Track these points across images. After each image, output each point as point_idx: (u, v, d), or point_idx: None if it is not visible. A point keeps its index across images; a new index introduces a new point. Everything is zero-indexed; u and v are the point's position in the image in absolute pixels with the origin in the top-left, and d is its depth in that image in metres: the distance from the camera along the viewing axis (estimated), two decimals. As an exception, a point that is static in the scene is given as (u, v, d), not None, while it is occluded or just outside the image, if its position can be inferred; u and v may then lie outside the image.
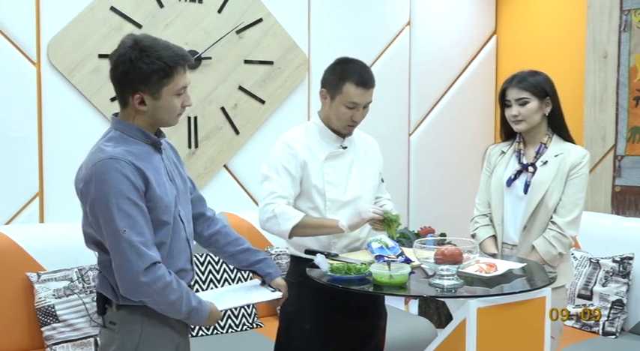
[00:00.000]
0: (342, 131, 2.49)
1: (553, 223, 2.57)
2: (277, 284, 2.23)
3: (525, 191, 2.60)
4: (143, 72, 1.83)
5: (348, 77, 2.39)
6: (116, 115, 1.98)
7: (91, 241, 1.94)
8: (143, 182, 1.85)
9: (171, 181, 1.98)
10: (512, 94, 2.63)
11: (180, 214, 2.00)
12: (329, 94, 2.44)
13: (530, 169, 2.61)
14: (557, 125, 2.67)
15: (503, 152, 2.75)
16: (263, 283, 2.26)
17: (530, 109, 2.60)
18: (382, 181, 2.67)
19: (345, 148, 2.51)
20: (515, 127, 2.65)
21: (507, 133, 2.76)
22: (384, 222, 2.38)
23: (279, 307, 2.50)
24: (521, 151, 2.67)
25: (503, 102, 2.68)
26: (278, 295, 2.20)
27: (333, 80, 2.43)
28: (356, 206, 2.42)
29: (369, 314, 2.54)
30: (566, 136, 2.68)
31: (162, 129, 2.01)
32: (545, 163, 2.61)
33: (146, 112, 1.90)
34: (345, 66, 2.44)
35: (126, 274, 1.81)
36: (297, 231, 2.36)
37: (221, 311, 2.03)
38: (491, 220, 2.72)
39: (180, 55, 1.89)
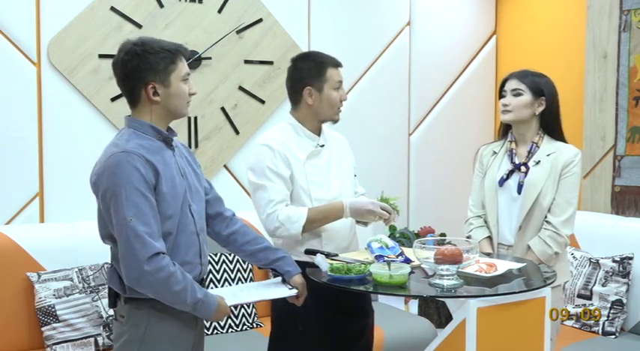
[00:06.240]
0: (334, 117, 2.53)
1: (548, 222, 2.57)
2: (295, 282, 2.24)
3: (519, 191, 2.61)
4: (152, 61, 1.95)
5: (324, 63, 2.49)
6: (128, 116, 2.06)
7: (106, 235, 1.99)
8: (154, 175, 1.92)
9: (182, 176, 2.03)
10: (510, 84, 2.66)
11: (192, 208, 2.04)
12: (315, 88, 2.48)
13: (523, 168, 2.62)
14: (550, 126, 2.67)
15: (495, 153, 2.75)
16: (284, 281, 2.27)
17: (521, 101, 2.61)
18: (355, 175, 2.71)
19: (322, 146, 2.54)
20: (502, 117, 2.67)
21: (505, 129, 2.77)
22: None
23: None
24: (514, 151, 2.68)
25: (501, 93, 2.70)
26: (294, 292, 2.21)
27: (313, 73, 2.48)
28: (364, 198, 2.47)
29: (359, 313, 2.56)
30: (558, 137, 2.68)
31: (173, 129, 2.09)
32: (537, 162, 2.61)
33: (160, 102, 1.99)
34: (311, 58, 2.53)
35: (130, 263, 1.86)
36: (307, 228, 2.41)
37: (231, 306, 2.05)
38: (485, 221, 2.72)
39: (177, 44, 2.03)
